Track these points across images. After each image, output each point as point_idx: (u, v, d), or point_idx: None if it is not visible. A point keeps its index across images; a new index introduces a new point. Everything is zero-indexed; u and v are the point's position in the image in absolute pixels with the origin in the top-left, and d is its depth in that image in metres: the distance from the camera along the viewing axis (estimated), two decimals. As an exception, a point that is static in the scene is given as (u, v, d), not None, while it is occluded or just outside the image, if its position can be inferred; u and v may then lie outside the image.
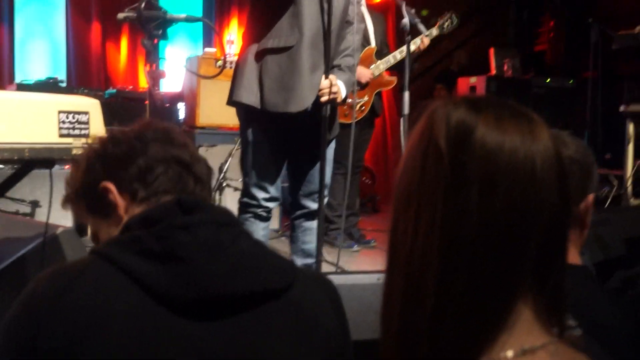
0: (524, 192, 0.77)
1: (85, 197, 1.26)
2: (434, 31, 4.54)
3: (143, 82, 6.51)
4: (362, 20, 4.51)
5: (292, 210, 3.09)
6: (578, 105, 5.51)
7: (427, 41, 4.39)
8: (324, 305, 1.18)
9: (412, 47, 4.27)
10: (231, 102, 2.90)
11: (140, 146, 1.22)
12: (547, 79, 7.05)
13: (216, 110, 4.98)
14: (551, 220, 0.79)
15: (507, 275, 0.78)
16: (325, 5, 2.74)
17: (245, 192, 2.94)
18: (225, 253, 1.09)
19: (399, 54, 4.50)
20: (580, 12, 6.63)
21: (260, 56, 2.81)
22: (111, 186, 1.20)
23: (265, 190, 2.89)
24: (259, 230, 2.94)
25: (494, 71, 6.98)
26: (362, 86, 4.48)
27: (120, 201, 1.21)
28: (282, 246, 4.43)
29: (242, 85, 2.82)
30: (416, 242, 0.80)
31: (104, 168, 1.23)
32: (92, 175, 1.24)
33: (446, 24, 4.57)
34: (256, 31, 2.87)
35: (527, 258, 0.78)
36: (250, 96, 2.81)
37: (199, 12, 7.14)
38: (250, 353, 1.07)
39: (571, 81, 6.94)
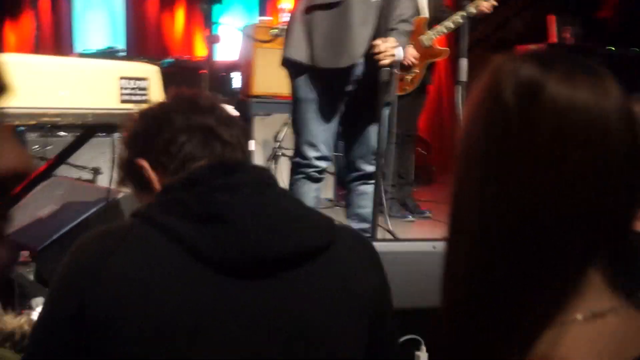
0: (597, 150, 0.75)
1: (127, 175, 1.31)
2: None
3: (199, 51, 6.56)
4: None
5: (347, 173, 3.08)
6: (643, 74, 5.30)
7: (486, 6, 4.21)
8: (363, 264, 1.19)
9: (473, 10, 4.13)
10: (283, 60, 2.91)
11: (163, 119, 1.24)
12: (610, 47, 6.82)
13: (271, 79, 4.98)
14: (622, 181, 0.77)
15: (579, 240, 0.76)
16: None
17: (297, 151, 2.95)
18: (266, 212, 1.10)
19: (452, 24, 4.35)
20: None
21: (309, 12, 2.80)
22: (144, 163, 1.24)
23: (316, 148, 2.88)
24: (311, 192, 2.94)
25: (554, 39, 6.78)
26: (405, 67, 4.34)
27: (153, 176, 1.23)
28: (336, 215, 4.44)
29: (291, 42, 2.83)
30: (484, 208, 0.79)
31: (135, 146, 1.27)
32: (128, 154, 1.28)
33: None
34: None
35: (598, 221, 0.76)
36: (299, 52, 2.81)
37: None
38: (295, 311, 1.08)
39: (637, 49, 6.70)
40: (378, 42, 2.74)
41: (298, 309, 1.09)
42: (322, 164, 2.92)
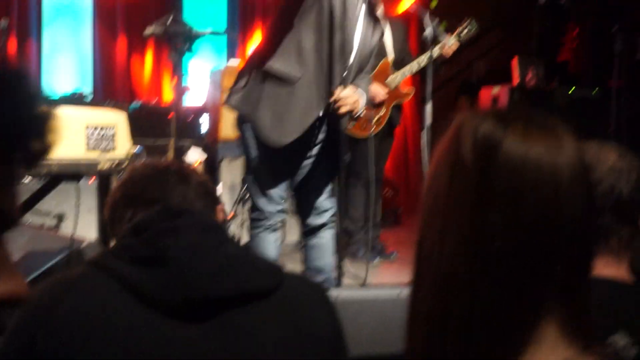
0: (549, 206, 0.78)
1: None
2: (452, 39, 4.47)
3: (167, 96, 6.57)
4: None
5: (302, 223, 3.11)
6: (603, 115, 5.46)
7: (450, 49, 4.34)
8: (314, 306, 1.19)
9: (437, 52, 4.24)
10: (227, 103, 2.90)
11: (129, 202, 1.36)
12: (571, 89, 7.00)
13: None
14: (576, 234, 0.79)
15: (533, 290, 0.78)
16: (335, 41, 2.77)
17: (253, 207, 2.95)
18: (211, 255, 1.11)
19: (416, 64, 4.47)
20: (604, 20, 6.58)
21: (265, 76, 2.81)
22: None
23: (272, 201, 2.89)
24: (271, 243, 2.94)
25: (517, 81, 6.94)
26: (376, 105, 4.45)
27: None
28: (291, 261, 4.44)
29: (241, 94, 2.82)
30: (442, 257, 0.81)
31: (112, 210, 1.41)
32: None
33: (464, 31, 4.52)
34: (268, 46, 2.86)
35: (553, 273, 0.78)
36: (247, 107, 2.82)
37: (223, 24, 7.21)
38: (242, 351, 1.09)
39: (595, 91, 6.89)
40: (337, 92, 2.78)
41: (247, 349, 1.09)
42: (279, 217, 2.95)
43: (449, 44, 4.31)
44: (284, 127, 2.78)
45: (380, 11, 4.55)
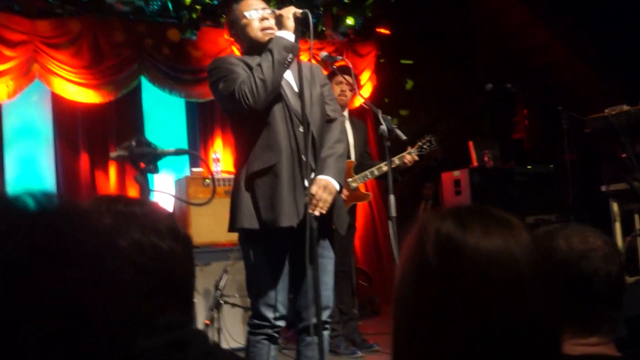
0: (513, 292, 0.83)
1: None
2: (413, 152, 4.65)
3: (133, 207, 6.57)
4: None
5: (295, 320, 3.08)
6: (561, 189, 5.64)
7: (411, 159, 4.53)
8: None
9: (397, 162, 4.44)
10: (234, 229, 2.97)
11: None
12: (528, 166, 7.22)
13: (208, 229, 5.05)
14: (540, 313, 0.85)
15: None
16: (296, 123, 2.89)
17: (255, 314, 2.93)
18: None
19: (376, 171, 4.63)
20: (549, 100, 6.90)
21: (250, 181, 2.91)
22: None
23: (274, 309, 2.89)
24: (271, 353, 2.92)
25: (475, 163, 7.15)
26: None
27: None
28: (283, 359, 4.39)
29: (242, 212, 2.90)
30: (415, 349, 0.86)
31: None
32: None
33: (425, 146, 4.73)
34: (242, 157, 2.99)
35: (522, 353, 0.83)
36: (251, 221, 2.89)
37: (183, 131, 7.34)
38: None
39: (551, 166, 7.12)
40: (314, 190, 2.84)
41: None
42: (282, 323, 2.94)
43: (411, 154, 4.52)
44: (281, 209, 2.85)
45: (345, 112, 4.75)
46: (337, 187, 2.93)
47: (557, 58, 8.20)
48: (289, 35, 2.87)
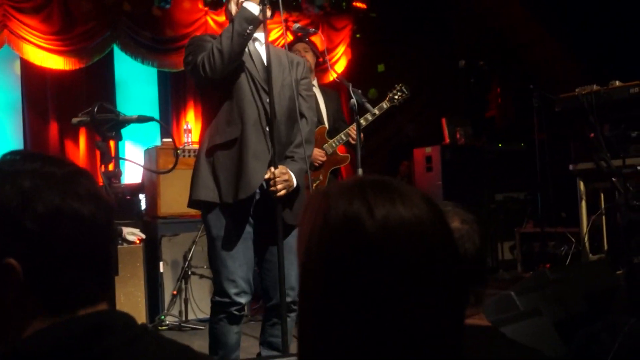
0: (420, 248, 0.86)
1: None
2: (385, 104, 4.69)
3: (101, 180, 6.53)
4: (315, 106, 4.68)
5: (264, 297, 3.09)
6: (530, 167, 5.70)
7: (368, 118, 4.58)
8: None
9: (363, 123, 4.45)
10: (191, 202, 2.97)
11: None
12: (499, 144, 7.29)
13: (177, 199, 5.02)
14: (447, 273, 0.88)
15: (405, 328, 0.85)
16: (264, 96, 2.88)
17: (217, 290, 2.93)
18: None
19: (344, 136, 4.66)
20: (522, 79, 6.94)
21: (210, 153, 2.92)
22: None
23: (235, 283, 2.87)
24: (232, 334, 2.92)
25: (447, 140, 7.20)
26: (315, 169, 4.59)
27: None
28: (250, 330, 4.41)
29: (199, 184, 2.91)
30: (323, 319, 0.88)
31: None
32: None
33: (397, 96, 4.74)
34: (205, 129, 3.01)
35: (429, 314, 0.86)
36: (208, 192, 2.89)
37: (155, 102, 7.27)
38: None
39: (522, 144, 7.18)
40: (270, 171, 2.86)
41: None
42: (242, 299, 2.92)
43: (377, 109, 4.51)
44: (242, 181, 2.86)
45: (315, 81, 4.76)
46: (295, 184, 2.94)
47: (533, 37, 8.23)
48: (252, 7, 2.85)
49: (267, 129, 2.90)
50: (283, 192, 2.86)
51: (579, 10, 7.42)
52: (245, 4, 2.87)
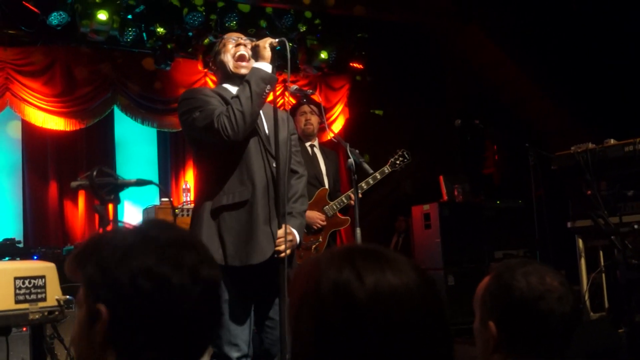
0: (406, 313, 0.89)
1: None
2: (386, 169, 4.75)
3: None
4: (314, 162, 4.72)
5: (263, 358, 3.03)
6: (529, 224, 5.69)
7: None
8: None
9: (371, 182, 4.53)
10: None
11: None
12: (497, 201, 7.30)
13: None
14: (430, 331, 0.90)
15: None
16: (271, 159, 2.89)
17: (219, 353, 2.87)
18: None
19: (345, 199, 4.69)
20: (518, 136, 7.01)
21: (216, 214, 2.85)
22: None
23: (237, 347, 2.83)
24: None
25: (445, 197, 7.22)
26: (315, 231, 4.59)
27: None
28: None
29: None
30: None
31: None
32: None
33: (398, 161, 4.81)
34: (207, 189, 2.92)
35: None
36: (214, 255, 2.84)
37: (154, 161, 7.32)
38: None
39: (520, 201, 7.20)
40: (281, 234, 2.83)
41: None
42: None
43: (379, 173, 4.61)
44: (254, 245, 2.82)
45: (316, 142, 4.80)
46: (298, 240, 2.94)
47: (526, 95, 8.36)
48: (266, 67, 2.85)
49: (273, 192, 2.87)
50: (288, 251, 2.85)
51: (571, 68, 7.55)
52: (258, 64, 2.86)
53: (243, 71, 2.94)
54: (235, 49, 2.98)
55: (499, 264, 1.54)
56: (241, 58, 2.97)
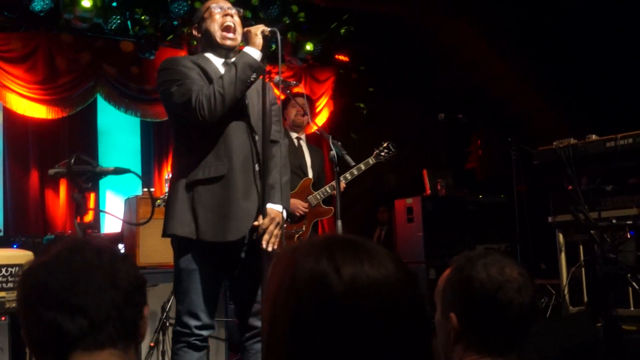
0: (386, 304, 0.88)
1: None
2: (371, 160, 4.75)
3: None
4: (299, 154, 4.72)
5: (241, 333, 3.02)
6: (511, 219, 5.73)
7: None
8: None
9: (348, 177, 4.52)
10: (166, 235, 2.91)
11: None
12: (479, 195, 7.34)
13: (156, 249, 4.98)
14: (411, 324, 0.90)
15: None
16: (253, 134, 2.87)
17: (178, 321, 2.87)
18: None
19: (329, 189, 4.69)
20: (503, 131, 7.04)
21: (190, 187, 2.82)
22: None
23: (197, 317, 2.82)
24: None
25: (428, 191, 7.24)
26: (297, 219, 4.59)
27: None
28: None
29: (174, 217, 2.83)
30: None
31: None
32: None
33: (383, 152, 4.81)
34: (183, 163, 2.89)
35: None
36: (184, 228, 2.82)
37: (137, 151, 7.28)
38: None
39: (502, 196, 7.24)
40: (263, 221, 2.80)
41: None
42: (204, 332, 2.87)
43: (364, 165, 4.62)
44: (231, 222, 2.78)
45: (302, 135, 4.81)
46: (285, 215, 2.93)
47: (513, 91, 8.40)
48: (255, 53, 2.82)
49: (257, 168, 2.85)
50: (276, 246, 2.84)
51: (557, 65, 7.59)
52: (247, 49, 2.82)
53: (229, 42, 2.91)
54: (222, 19, 2.93)
55: (459, 256, 1.56)
56: (227, 29, 2.92)
